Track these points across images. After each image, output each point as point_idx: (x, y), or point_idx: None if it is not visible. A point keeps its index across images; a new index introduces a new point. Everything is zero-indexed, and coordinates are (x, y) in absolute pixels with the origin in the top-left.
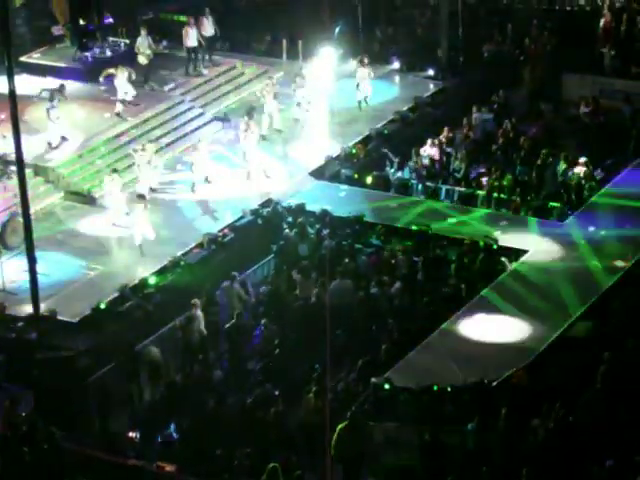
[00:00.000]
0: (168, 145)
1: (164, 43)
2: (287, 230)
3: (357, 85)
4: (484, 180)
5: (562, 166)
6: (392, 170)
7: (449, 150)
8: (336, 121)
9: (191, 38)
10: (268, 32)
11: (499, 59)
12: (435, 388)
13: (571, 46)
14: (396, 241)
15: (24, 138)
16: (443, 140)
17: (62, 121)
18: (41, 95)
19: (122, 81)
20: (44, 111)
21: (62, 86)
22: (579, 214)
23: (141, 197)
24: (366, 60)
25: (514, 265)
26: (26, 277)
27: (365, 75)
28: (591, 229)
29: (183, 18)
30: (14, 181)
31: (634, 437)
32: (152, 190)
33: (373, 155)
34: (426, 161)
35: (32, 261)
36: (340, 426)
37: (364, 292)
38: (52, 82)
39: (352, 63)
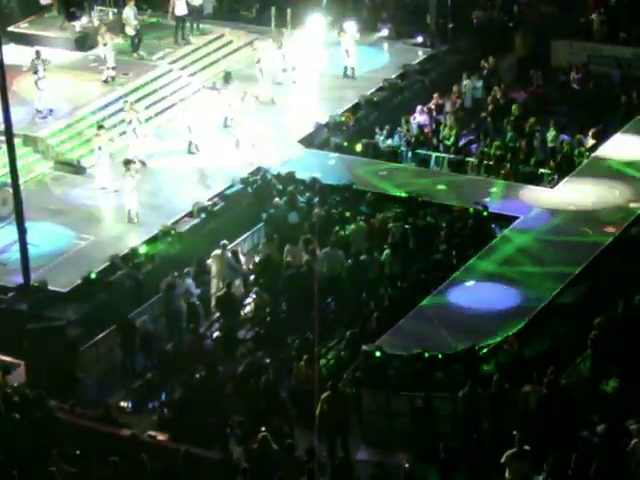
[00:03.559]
0: (157, 114)
1: (149, 12)
2: (277, 198)
3: (346, 51)
4: (474, 147)
5: (552, 133)
6: (381, 138)
7: (439, 117)
8: (324, 88)
9: (179, 7)
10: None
11: (488, 26)
12: (426, 355)
13: (560, 12)
14: (386, 208)
15: (13, 108)
16: (432, 107)
17: (48, 90)
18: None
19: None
20: (32, 82)
21: (38, 52)
22: (569, 180)
23: (128, 162)
24: (347, 27)
25: (505, 232)
26: (16, 247)
27: (350, 42)
28: (581, 195)
29: None
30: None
31: (624, 402)
32: (141, 162)
33: (362, 123)
34: (415, 128)
35: (22, 231)
36: (323, 396)
37: (354, 260)
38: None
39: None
